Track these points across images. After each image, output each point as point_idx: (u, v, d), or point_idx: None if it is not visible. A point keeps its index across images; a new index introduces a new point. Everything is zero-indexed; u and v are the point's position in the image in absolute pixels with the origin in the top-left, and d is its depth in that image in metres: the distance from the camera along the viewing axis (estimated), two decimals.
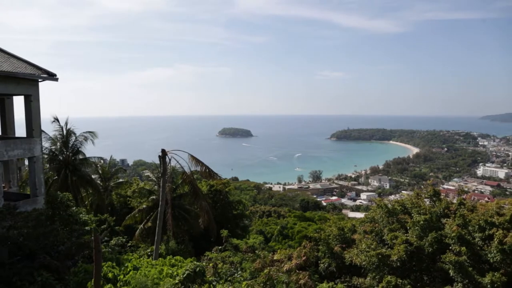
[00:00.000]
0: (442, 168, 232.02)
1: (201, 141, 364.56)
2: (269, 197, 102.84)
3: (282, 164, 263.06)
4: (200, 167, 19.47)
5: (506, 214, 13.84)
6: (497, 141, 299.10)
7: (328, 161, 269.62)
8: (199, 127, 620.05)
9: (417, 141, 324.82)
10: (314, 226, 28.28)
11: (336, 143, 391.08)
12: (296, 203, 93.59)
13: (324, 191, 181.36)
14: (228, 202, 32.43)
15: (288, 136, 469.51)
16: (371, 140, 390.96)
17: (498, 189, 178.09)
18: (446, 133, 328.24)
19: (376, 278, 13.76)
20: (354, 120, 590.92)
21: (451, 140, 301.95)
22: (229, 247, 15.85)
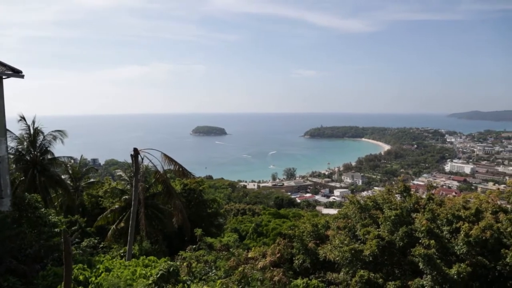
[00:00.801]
0: (412, 164, 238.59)
1: (175, 140, 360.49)
2: (244, 195, 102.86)
3: (257, 162, 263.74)
4: (174, 166, 19.24)
5: (472, 207, 14.34)
6: (463, 138, 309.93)
7: (302, 158, 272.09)
8: (173, 125, 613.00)
9: (389, 138, 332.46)
10: (288, 223, 28.40)
11: (310, 141, 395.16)
12: (270, 201, 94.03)
13: (298, 188, 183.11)
14: (202, 200, 32.21)
15: (262, 134, 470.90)
16: (344, 137, 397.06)
17: (464, 184, 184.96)
18: (416, 131, 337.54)
19: (350, 273, 13.99)
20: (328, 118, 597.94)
21: (421, 137, 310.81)
22: (203, 246, 15.74)
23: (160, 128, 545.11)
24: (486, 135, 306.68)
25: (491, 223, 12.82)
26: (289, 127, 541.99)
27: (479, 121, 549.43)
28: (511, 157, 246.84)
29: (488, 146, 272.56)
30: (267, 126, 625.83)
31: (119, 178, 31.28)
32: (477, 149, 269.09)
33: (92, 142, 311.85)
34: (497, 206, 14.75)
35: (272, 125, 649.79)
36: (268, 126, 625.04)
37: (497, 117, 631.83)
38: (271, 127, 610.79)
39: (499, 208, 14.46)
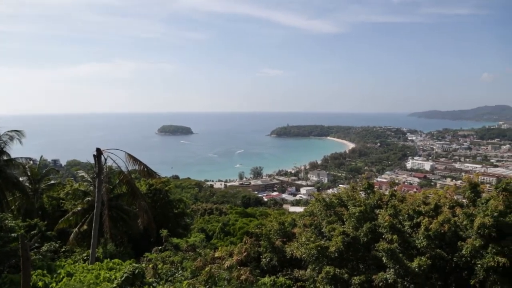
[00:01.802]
0: (376, 162, 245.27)
1: (140, 139, 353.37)
2: (211, 194, 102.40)
3: (223, 161, 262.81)
4: (138, 166, 18.87)
5: (431, 203, 14.92)
6: (423, 136, 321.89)
7: (268, 157, 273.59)
8: (138, 125, 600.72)
9: (353, 137, 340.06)
10: (255, 221, 28.52)
11: (276, 140, 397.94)
12: (237, 200, 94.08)
13: (265, 187, 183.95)
14: (168, 201, 31.76)
15: (229, 133, 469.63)
16: (309, 136, 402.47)
17: (424, 180, 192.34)
18: (379, 129, 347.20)
19: (316, 269, 14.21)
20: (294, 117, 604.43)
21: (384, 136, 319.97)
22: (169, 247, 15.50)
23: (124, 128, 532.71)
24: (444, 133, 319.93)
25: (448, 217, 13.36)
26: (256, 126, 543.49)
27: (438, 120, 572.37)
28: (467, 154, 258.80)
29: (446, 144, 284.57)
30: (234, 125, 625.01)
31: (81, 179, 30.20)
32: (436, 146, 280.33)
33: (53, 142, 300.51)
34: (454, 201, 15.40)
35: (239, 124, 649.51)
36: (235, 125, 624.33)
37: (454, 116, 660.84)
38: (238, 126, 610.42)
39: (455, 203, 15.10)
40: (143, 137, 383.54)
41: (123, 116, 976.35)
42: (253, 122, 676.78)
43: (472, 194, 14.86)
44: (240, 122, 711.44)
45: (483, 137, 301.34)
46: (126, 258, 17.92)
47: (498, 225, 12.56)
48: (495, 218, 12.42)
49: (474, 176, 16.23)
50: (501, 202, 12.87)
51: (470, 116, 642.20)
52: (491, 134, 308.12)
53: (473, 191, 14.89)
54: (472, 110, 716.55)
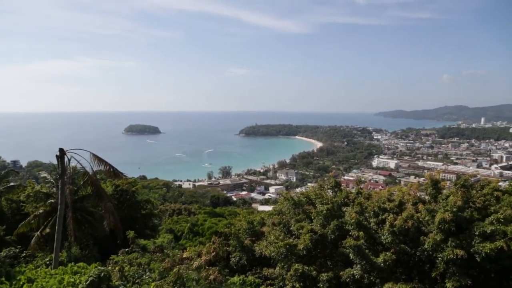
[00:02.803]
0: (343, 161, 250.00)
1: (105, 139, 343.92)
2: (179, 194, 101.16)
3: (192, 161, 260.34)
4: (104, 166, 18.41)
5: (396, 200, 15.37)
6: (389, 135, 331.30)
7: (237, 156, 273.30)
8: (104, 124, 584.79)
9: (321, 136, 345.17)
10: (224, 221, 28.48)
11: (245, 139, 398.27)
12: (206, 200, 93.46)
13: (234, 187, 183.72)
14: (135, 202, 31.15)
15: (197, 132, 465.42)
16: (278, 135, 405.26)
17: (389, 178, 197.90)
18: (346, 128, 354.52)
19: (285, 267, 14.35)
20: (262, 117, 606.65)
21: (350, 135, 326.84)
22: (136, 249, 15.21)
23: (89, 127, 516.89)
24: (408, 133, 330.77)
25: (412, 213, 13.81)
26: (224, 126, 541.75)
27: (402, 120, 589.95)
28: (429, 152, 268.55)
29: (409, 143, 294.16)
30: (202, 125, 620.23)
31: (43, 180, 29.13)
32: (400, 145, 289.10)
33: (12, 142, 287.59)
34: (417, 197, 15.93)
35: (207, 124, 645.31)
36: (203, 125, 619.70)
37: (417, 116, 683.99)
38: (206, 125, 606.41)
39: (418, 200, 15.62)
40: (109, 137, 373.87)
41: (87, 115, 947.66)
42: (222, 122, 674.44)
43: (434, 190, 15.44)
44: (209, 122, 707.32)
45: (444, 136, 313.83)
46: (92, 261, 17.44)
47: (457, 219, 13.12)
48: (454, 213, 12.96)
49: (436, 173, 16.90)
50: (459, 198, 13.44)
51: (432, 116, 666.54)
52: (451, 133, 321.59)
53: (434, 187, 15.48)
54: (434, 110, 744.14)
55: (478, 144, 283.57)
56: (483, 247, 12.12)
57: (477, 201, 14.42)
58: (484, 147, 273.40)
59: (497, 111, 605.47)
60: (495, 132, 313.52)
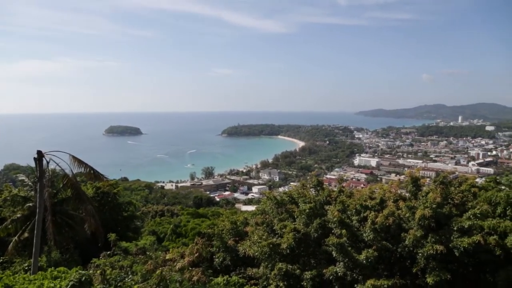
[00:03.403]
0: (325, 160, 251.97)
1: (86, 141, 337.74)
2: (162, 196, 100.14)
3: (174, 162, 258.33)
4: (84, 168, 18.08)
5: (377, 197, 15.60)
6: (369, 134, 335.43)
7: (220, 157, 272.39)
8: (84, 126, 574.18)
9: (303, 135, 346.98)
10: (207, 222, 28.35)
11: (227, 139, 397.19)
12: (189, 201, 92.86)
13: (217, 187, 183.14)
14: (117, 204, 30.71)
15: (180, 133, 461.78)
16: (260, 135, 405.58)
17: (371, 176, 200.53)
18: (328, 127, 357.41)
19: (269, 267, 14.40)
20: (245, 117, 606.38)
21: (332, 134, 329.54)
22: (118, 251, 15.00)
23: (69, 129, 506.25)
24: (389, 131, 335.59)
25: (393, 210, 14.04)
26: (206, 126, 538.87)
27: (383, 118, 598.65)
28: (409, 150, 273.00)
29: (390, 141, 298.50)
30: (184, 125, 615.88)
31: (21, 184, 28.41)
32: (381, 143, 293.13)
33: None
34: (398, 195, 16.22)
35: (189, 124, 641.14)
36: (185, 125, 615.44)
37: (397, 115, 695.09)
38: (188, 126, 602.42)
39: (399, 197, 15.90)
40: (89, 138, 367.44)
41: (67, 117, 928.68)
42: (204, 122, 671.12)
43: (414, 188, 15.72)
44: (191, 122, 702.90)
45: (423, 134, 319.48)
46: (73, 265, 17.12)
47: (436, 216, 13.40)
48: (433, 210, 13.23)
49: (415, 171, 17.20)
50: (438, 194, 13.73)
51: (412, 114, 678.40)
52: (430, 131, 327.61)
53: (414, 185, 15.77)
54: (413, 109, 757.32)
55: (456, 142, 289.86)
56: (462, 242, 12.42)
57: (455, 197, 14.76)
58: (461, 145, 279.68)
59: (474, 109, 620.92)
60: (472, 130, 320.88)
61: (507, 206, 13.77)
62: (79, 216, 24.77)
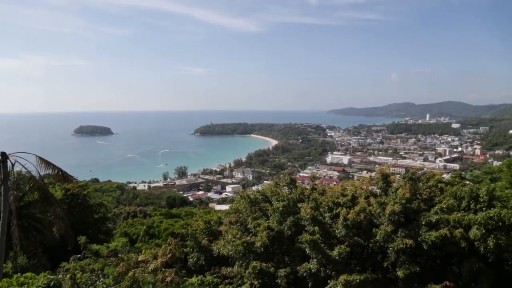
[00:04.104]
0: (298, 158, 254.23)
1: (53, 141, 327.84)
2: (134, 196, 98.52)
3: (147, 162, 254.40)
4: (52, 170, 17.53)
5: (349, 194, 15.88)
6: (341, 132, 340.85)
7: (193, 156, 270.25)
8: (52, 126, 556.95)
9: (276, 134, 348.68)
10: (181, 222, 28.10)
11: (201, 138, 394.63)
12: (162, 201, 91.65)
13: (191, 187, 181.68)
14: (87, 206, 29.98)
15: (152, 132, 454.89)
16: (233, 134, 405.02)
17: (343, 173, 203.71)
18: (300, 126, 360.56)
19: (243, 265, 14.41)
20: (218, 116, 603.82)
21: (305, 132, 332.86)
22: (89, 254, 14.62)
23: (37, 129, 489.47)
24: (360, 129, 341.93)
25: (364, 206, 14.32)
26: (179, 125, 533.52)
27: (354, 117, 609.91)
28: (379, 148, 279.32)
29: (361, 139, 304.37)
30: (157, 125, 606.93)
31: None
32: (353, 141, 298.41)
33: None
34: (369, 191, 16.55)
35: (162, 123, 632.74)
36: (158, 125, 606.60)
37: (368, 113, 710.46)
38: (161, 125, 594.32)
39: (370, 193, 16.23)
40: (57, 139, 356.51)
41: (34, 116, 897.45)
42: (177, 121, 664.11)
43: (384, 184, 16.09)
44: (164, 121, 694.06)
45: (393, 131, 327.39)
46: (41, 270, 16.61)
47: (406, 211, 13.77)
48: (403, 205, 13.59)
49: (386, 168, 17.60)
50: (407, 190, 14.11)
51: (382, 113, 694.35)
52: (400, 129, 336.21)
53: (384, 181, 16.14)
54: (383, 107, 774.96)
55: (424, 139, 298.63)
56: (429, 236, 12.82)
57: (423, 193, 15.22)
58: (429, 142, 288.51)
59: (440, 107, 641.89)
60: (439, 127, 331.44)
61: (471, 200, 14.28)
62: (47, 219, 24.02)
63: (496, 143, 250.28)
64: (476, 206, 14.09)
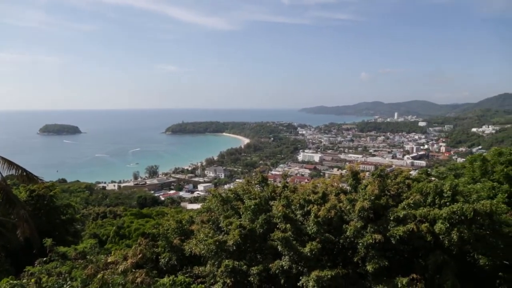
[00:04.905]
0: (270, 156, 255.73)
1: (18, 141, 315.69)
2: (103, 197, 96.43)
3: (116, 161, 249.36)
4: (16, 170, 16.93)
5: (319, 192, 16.07)
6: (312, 130, 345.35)
7: (164, 155, 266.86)
8: (16, 124, 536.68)
9: (248, 132, 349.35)
10: (152, 222, 27.64)
11: (172, 137, 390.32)
12: (133, 201, 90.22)
13: (162, 186, 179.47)
14: (54, 207, 29.03)
15: (122, 131, 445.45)
16: (205, 132, 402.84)
17: (314, 171, 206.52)
18: (272, 124, 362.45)
19: (215, 264, 14.36)
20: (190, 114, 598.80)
21: (277, 131, 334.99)
22: (55, 257, 14.16)
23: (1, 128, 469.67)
24: (330, 127, 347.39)
25: (334, 203, 14.54)
26: (150, 124, 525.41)
27: (325, 115, 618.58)
28: (350, 145, 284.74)
29: (332, 137, 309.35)
30: (127, 123, 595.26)
31: None
32: (324, 139, 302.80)
33: None
34: (339, 188, 16.83)
35: (133, 122, 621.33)
36: (128, 123, 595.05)
37: (338, 111, 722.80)
38: (131, 123, 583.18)
39: (340, 190, 16.51)
40: (22, 138, 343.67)
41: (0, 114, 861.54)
42: (148, 119, 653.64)
43: (354, 181, 16.39)
44: (134, 120, 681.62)
45: (363, 130, 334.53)
46: (3, 276, 15.94)
47: (375, 207, 14.09)
48: (372, 201, 13.91)
49: (355, 165, 17.94)
50: (376, 187, 14.44)
51: (352, 111, 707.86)
52: (369, 127, 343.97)
53: (354, 178, 16.44)
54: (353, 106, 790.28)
55: (392, 137, 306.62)
56: (397, 231, 13.18)
57: (391, 189, 15.63)
58: (397, 140, 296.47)
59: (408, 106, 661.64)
60: (407, 125, 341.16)
61: (435, 196, 14.77)
62: (11, 222, 23.13)
63: (459, 141, 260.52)
64: (440, 201, 14.58)
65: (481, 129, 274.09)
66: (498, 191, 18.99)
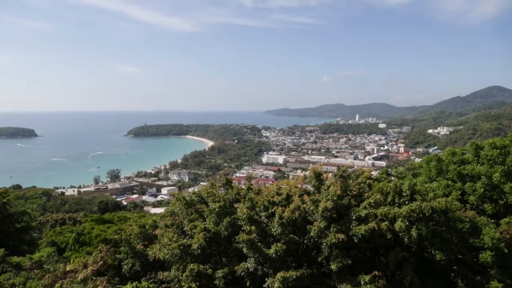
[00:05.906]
0: (234, 158, 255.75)
1: None
2: (62, 203, 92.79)
3: (76, 165, 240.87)
4: None
5: (283, 193, 16.19)
6: (276, 132, 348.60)
7: (126, 158, 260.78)
8: None
9: (212, 135, 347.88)
10: (114, 227, 26.86)
11: (134, 140, 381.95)
12: (93, 206, 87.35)
13: (124, 190, 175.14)
14: (7, 215, 27.56)
15: (82, 134, 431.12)
16: (168, 135, 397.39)
17: (279, 173, 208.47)
18: (236, 127, 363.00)
19: (180, 269, 14.15)
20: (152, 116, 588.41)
21: (241, 133, 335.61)
22: (8, 268, 13.48)
23: None
24: (294, 129, 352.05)
25: (298, 204, 14.69)
26: (111, 126, 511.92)
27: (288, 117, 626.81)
28: (313, 147, 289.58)
29: (296, 139, 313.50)
30: (87, 126, 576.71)
31: None
32: (288, 141, 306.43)
33: None
34: (303, 189, 17.00)
35: (93, 125, 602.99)
36: (88, 126, 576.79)
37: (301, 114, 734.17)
38: (91, 126, 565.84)
39: (304, 191, 16.68)
40: None
41: None
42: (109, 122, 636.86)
43: (317, 182, 16.64)
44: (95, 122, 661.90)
45: (326, 131, 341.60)
46: None
47: (337, 207, 14.37)
48: (334, 202, 14.16)
49: (318, 166, 18.19)
50: (338, 187, 14.72)
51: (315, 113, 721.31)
52: (332, 129, 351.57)
53: (317, 179, 16.68)
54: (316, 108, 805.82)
55: (354, 138, 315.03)
56: (359, 230, 13.51)
57: (353, 189, 16.00)
58: (359, 141, 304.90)
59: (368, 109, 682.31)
60: (368, 127, 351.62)
61: (395, 195, 15.27)
62: None
63: (417, 142, 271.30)
64: (400, 200, 15.09)
65: (436, 130, 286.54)
66: (452, 189, 19.96)
